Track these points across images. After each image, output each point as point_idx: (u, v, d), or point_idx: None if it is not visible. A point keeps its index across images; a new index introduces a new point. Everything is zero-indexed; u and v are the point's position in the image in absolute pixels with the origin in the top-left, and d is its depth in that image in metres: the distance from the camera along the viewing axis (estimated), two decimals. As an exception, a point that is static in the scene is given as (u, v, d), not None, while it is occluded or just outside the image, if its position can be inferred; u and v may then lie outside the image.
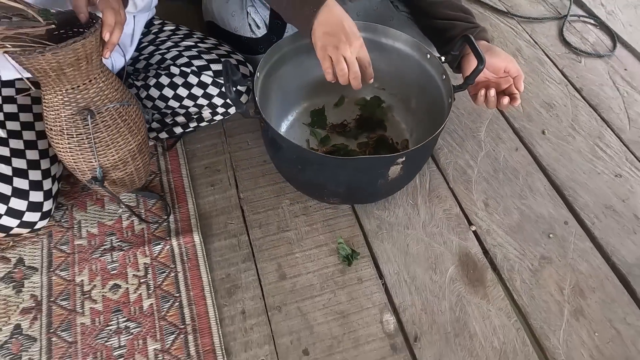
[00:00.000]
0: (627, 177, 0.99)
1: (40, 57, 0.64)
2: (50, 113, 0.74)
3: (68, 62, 0.67)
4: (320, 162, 0.77)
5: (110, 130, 0.77)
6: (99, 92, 0.74)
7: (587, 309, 0.82)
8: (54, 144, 0.77)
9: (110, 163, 0.79)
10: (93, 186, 0.81)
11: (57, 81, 0.69)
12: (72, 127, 0.74)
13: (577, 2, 1.35)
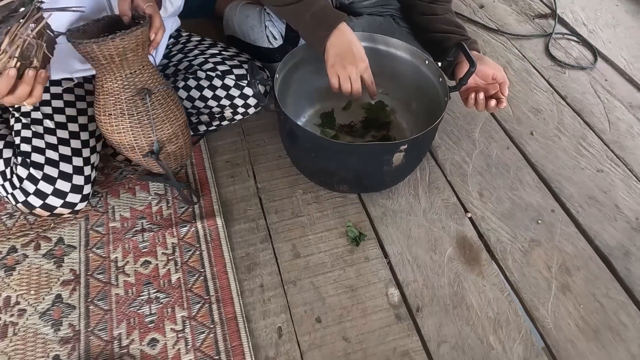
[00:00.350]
0: (607, 172, 1.09)
1: (110, 42, 0.76)
2: (109, 99, 0.85)
3: (130, 48, 0.79)
4: (332, 149, 0.88)
5: (163, 107, 0.89)
6: (150, 76, 0.86)
7: (572, 285, 0.90)
8: (113, 128, 0.87)
9: (165, 137, 0.90)
10: (149, 160, 0.92)
11: (119, 67, 0.80)
12: (133, 107, 0.86)
13: (562, 22, 1.49)
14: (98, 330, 0.83)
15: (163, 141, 0.91)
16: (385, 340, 0.83)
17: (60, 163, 0.89)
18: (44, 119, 0.92)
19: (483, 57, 0.97)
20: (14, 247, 0.93)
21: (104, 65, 0.81)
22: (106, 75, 0.83)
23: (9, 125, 0.95)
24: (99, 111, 0.88)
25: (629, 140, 1.16)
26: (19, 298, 0.87)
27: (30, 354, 0.80)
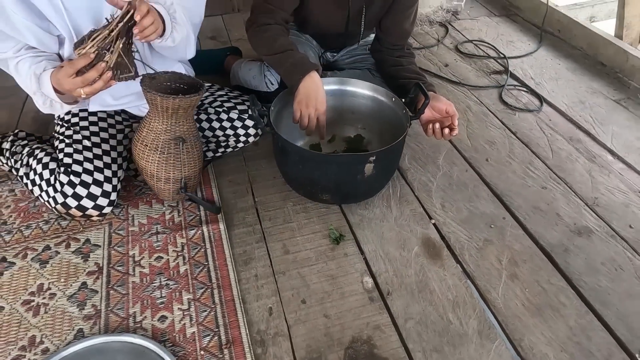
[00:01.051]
0: (550, 189, 1.29)
1: (171, 100, 1.00)
2: (150, 134, 1.08)
3: (183, 107, 1.03)
4: (315, 159, 1.09)
5: (188, 154, 1.11)
6: (188, 129, 1.10)
7: (519, 274, 1.07)
8: (143, 155, 1.10)
9: (182, 176, 1.12)
10: (180, 195, 1.16)
11: (169, 116, 1.04)
12: (166, 147, 1.08)
13: (513, 76, 1.78)
14: (116, 309, 0.98)
15: (177, 179, 1.13)
16: (360, 317, 0.98)
17: (94, 172, 1.09)
18: (82, 139, 1.14)
19: (438, 96, 1.22)
20: (48, 246, 1.11)
21: (159, 111, 1.04)
22: (156, 117, 1.06)
23: (54, 146, 1.18)
24: (137, 139, 1.11)
25: (569, 164, 1.38)
26: (50, 285, 1.03)
27: (58, 327, 0.95)
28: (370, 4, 1.31)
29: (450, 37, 2.06)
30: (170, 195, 1.18)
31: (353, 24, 1.37)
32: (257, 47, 1.28)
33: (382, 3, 1.31)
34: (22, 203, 1.22)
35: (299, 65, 1.19)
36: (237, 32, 2.08)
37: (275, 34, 1.24)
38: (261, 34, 1.24)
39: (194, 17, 1.23)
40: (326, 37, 1.49)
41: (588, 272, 1.07)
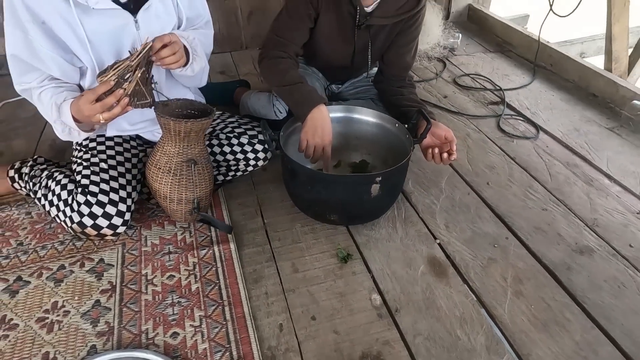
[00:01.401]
0: (551, 210, 1.33)
1: (183, 123, 1.06)
2: (163, 157, 1.14)
3: (195, 130, 1.09)
4: (323, 180, 1.14)
5: (200, 176, 1.16)
6: (199, 151, 1.15)
7: (524, 291, 1.09)
8: (157, 178, 1.15)
9: (193, 197, 1.17)
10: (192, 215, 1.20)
11: (182, 139, 1.10)
12: (178, 169, 1.14)
13: (509, 107, 1.86)
14: (129, 326, 1.00)
15: (189, 200, 1.17)
16: (369, 333, 0.99)
17: (110, 193, 1.14)
18: (100, 162, 1.19)
19: (437, 123, 1.28)
20: (63, 265, 1.14)
21: (172, 135, 1.10)
22: (169, 141, 1.12)
23: (72, 170, 1.23)
24: (151, 163, 1.16)
25: (567, 187, 1.42)
26: (65, 302, 1.05)
27: (71, 344, 0.96)
28: (375, 39, 1.40)
29: (448, 71, 2.16)
30: (183, 216, 1.22)
31: (359, 58, 1.46)
32: (268, 78, 1.35)
33: (385, 38, 1.40)
34: (38, 225, 1.25)
35: (308, 98, 1.25)
36: (245, 67, 2.19)
37: (286, 67, 1.31)
38: (274, 66, 1.31)
39: (206, 49, 1.32)
40: (333, 69, 1.58)
41: (591, 289, 1.10)
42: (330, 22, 1.34)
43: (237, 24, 2.32)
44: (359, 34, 1.37)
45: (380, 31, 1.38)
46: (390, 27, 1.37)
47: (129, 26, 1.13)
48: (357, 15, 1.31)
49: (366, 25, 1.34)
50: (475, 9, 2.64)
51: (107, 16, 1.09)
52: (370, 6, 1.30)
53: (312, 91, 1.28)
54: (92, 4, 1.05)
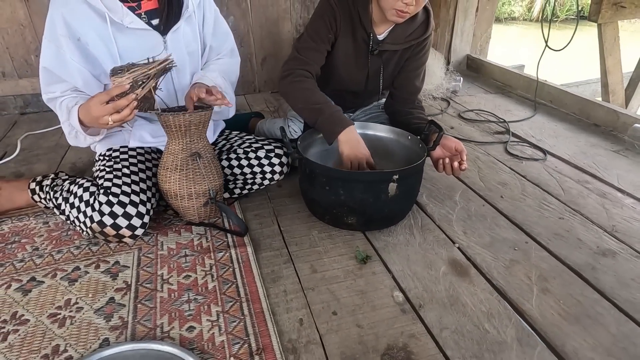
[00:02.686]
0: (567, 219, 1.33)
1: (181, 116, 1.11)
2: (169, 157, 1.17)
3: (194, 123, 1.14)
4: (341, 178, 1.15)
5: (206, 169, 1.19)
6: (203, 146, 1.19)
7: (551, 288, 1.05)
8: (165, 179, 1.18)
9: (202, 191, 1.19)
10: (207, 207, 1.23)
11: (183, 134, 1.14)
12: (185, 165, 1.17)
13: (515, 135, 1.92)
14: (144, 320, 0.96)
15: (199, 194, 1.19)
16: (394, 327, 0.95)
17: (131, 195, 1.15)
18: (122, 168, 1.22)
19: (447, 136, 1.33)
20: (78, 267, 1.12)
21: (174, 132, 1.15)
22: (172, 139, 1.17)
23: (95, 177, 1.25)
24: (160, 167, 1.20)
25: (581, 199, 1.43)
26: (78, 300, 1.02)
27: (83, 337, 0.92)
28: (387, 65, 1.49)
29: (452, 108, 2.25)
30: (196, 213, 1.22)
31: (371, 83, 1.54)
32: (292, 95, 1.36)
33: (395, 63, 1.49)
34: (55, 232, 1.25)
35: (338, 120, 1.27)
36: (258, 107, 2.29)
37: (311, 87, 1.34)
38: (298, 84, 1.34)
39: (232, 77, 1.41)
40: (346, 95, 1.65)
41: (620, 286, 1.06)
42: (347, 47, 1.43)
43: (252, 69, 2.47)
44: (372, 60, 1.46)
45: (391, 57, 1.47)
46: (401, 52, 1.46)
47: (158, 46, 1.22)
48: (370, 42, 1.41)
49: (379, 51, 1.43)
50: (474, 58, 2.82)
51: (138, 36, 1.19)
52: (383, 34, 1.41)
53: (340, 111, 1.31)
54: (127, 23, 1.15)
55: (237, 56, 1.45)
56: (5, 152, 1.77)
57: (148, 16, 1.20)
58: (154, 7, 1.20)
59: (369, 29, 1.38)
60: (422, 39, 1.43)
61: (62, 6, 1.11)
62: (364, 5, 1.35)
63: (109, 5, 1.12)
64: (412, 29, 1.41)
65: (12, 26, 2.02)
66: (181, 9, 1.24)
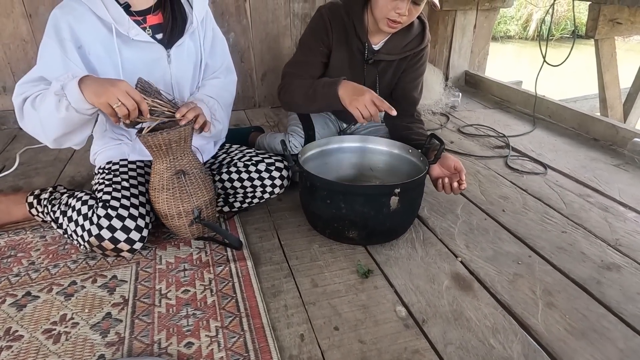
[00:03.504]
0: (570, 233, 1.31)
1: (159, 136, 1.08)
2: (156, 177, 1.16)
3: (174, 140, 1.12)
4: (342, 191, 1.14)
5: (193, 185, 1.17)
6: (188, 162, 1.18)
7: (556, 302, 1.04)
8: (156, 199, 1.17)
9: (190, 209, 1.17)
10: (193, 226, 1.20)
11: (165, 153, 1.12)
12: (170, 183, 1.15)
13: (514, 149, 1.92)
14: (141, 336, 0.94)
15: (188, 212, 1.18)
16: (397, 342, 0.93)
17: (130, 208, 1.14)
18: (122, 181, 1.21)
19: (446, 154, 1.33)
20: (75, 281, 1.10)
21: (155, 152, 1.12)
22: (157, 160, 1.14)
23: (93, 191, 1.24)
24: (150, 187, 1.18)
25: (584, 213, 1.42)
26: (74, 315, 1.00)
27: (79, 353, 0.90)
28: (383, 75, 1.50)
29: (451, 122, 2.26)
30: (188, 231, 1.20)
31: None
32: (291, 100, 1.43)
33: (392, 74, 1.50)
34: (52, 247, 1.24)
35: (328, 83, 1.32)
36: (258, 122, 2.30)
37: (301, 83, 1.40)
38: (292, 86, 1.41)
39: (227, 97, 1.41)
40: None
41: (626, 300, 1.05)
42: (342, 57, 1.45)
43: (252, 84, 2.48)
44: (368, 69, 1.47)
45: (387, 67, 1.48)
46: (397, 63, 1.48)
47: (161, 60, 1.23)
48: (365, 52, 1.43)
49: (374, 60, 1.45)
50: (472, 74, 2.84)
51: (143, 48, 1.19)
52: (378, 44, 1.43)
53: (327, 79, 1.35)
54: (133, 35, 1.15)
55: (232, 74, 1.45)
56: (4, 166, 1.76)
57: (153, 30, 1.20)
58: (158, 22, 1.21)
59: (364, 38, 1.40)
60: (418, 50, 1.45)
61: (68, 13, 1.10)
62: (358, 16, 1.37)
63: (115, 17, 1.12)
64: (408, 40, 1.43)
65: (15, 42, 2.04)
66: (185, 24, 1.25)
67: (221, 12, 2.26)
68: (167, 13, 1.21)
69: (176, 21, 1.23)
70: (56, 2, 1.12)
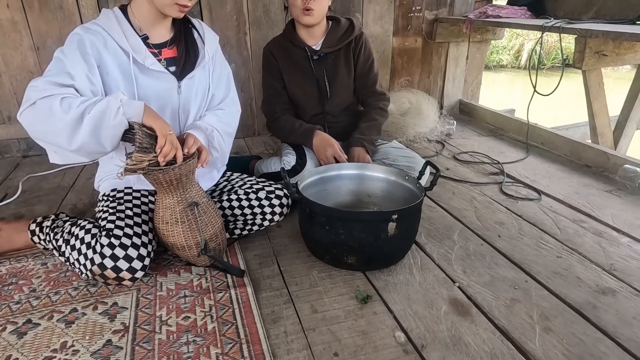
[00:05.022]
0: (565, 258, 1.33)
1: (171, 171, 1.11)
2: (167, 212, 1.18)
3: (185, 174, 1.15)
4: (341, 217, 1.17)
5: (207, 214, 1.20)
6: (197, 192, 1.21)
7: (553, 327, 1.05)
8: (169, 233, 1.18)
9: (208, 236, 1.19)
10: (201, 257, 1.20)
11: (175, 187, 1.15)
12: (184, 216, 1.17)
13: (509, 176, 1.96)
14: (141, 363, 0.94)
15: (206, 240, 1.20)
16: (397, 368, 0.93)
17: (133, 237, 1.16)
18: (125, 210, 1.23)
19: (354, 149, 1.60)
20: (75, 309, 1.11)
21: (165, 187, 1.14)
22: (165, 194, 1.16)
23: (97, 219, 1.26)
24: (158, 221, 1.20)
25: (578, 239, 1.44)
26: (74, 342, 1.00)
27: (78, 381, 0.90)
28: (334, 67, 1.73)
29: (447, 150, 2.31)
30: (198, 260, 1.22)
31: (324, 91, 1.75)
32: (278, 134, 1.80)
33: (343, 64, 1.74)
34: (53, 274, 1.25)
35: (305, 131, 1.68)
36: (257, 150, 2.34)
37: (284, 124, 1.72)
38: (278, 125, 1.74)
39: (230, 127, 1.45)
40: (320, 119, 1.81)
41: (622, 325, 1.06)
42: (291, 71, 1.72)
43: (252, 113, 2.54)
44: (315, 66, 1.73)
45: (335, 60, 1.74)
46: (342, 53, 1.74)
47: (172, 90, 1.27)
48: (308, 53, 1.71)
49: (319, 57, 1.72)
50: (466, 102, 2.92)
51: (156, 77, 1.24)
52: (317, 44, 1.72)
53: (303, 126, 1.70)
54: (149, 64, 1.20)
55: (236, 106, 1.50)
56: (6, 194, 1.78)
57: (167, 63, 1.26)
58: (173, 56, 1.28)
59: (303, 45, 1.70)
60: (353, 37, 1.73)
61: (92, 35, 1.14)
62: (291, 33, 1.71)
63: (134, 47, 1.18)
64: (340, 33, 1.72)
65: (21, 73, 2.10)
66: (197, 59, 1.30)
67: (223, 44, 2.34)
68: (182, 48, 1.28)
69: (189, 56, 1.29)
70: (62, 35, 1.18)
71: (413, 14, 2.69)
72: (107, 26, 1.17)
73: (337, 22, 1.74)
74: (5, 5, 1.98)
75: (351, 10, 2.53)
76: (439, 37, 2.75)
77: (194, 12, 2.24)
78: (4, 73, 2.08)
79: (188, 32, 1.31)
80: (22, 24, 2.02)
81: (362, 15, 2.57)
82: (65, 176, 1.98)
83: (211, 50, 1.34)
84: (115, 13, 1.20)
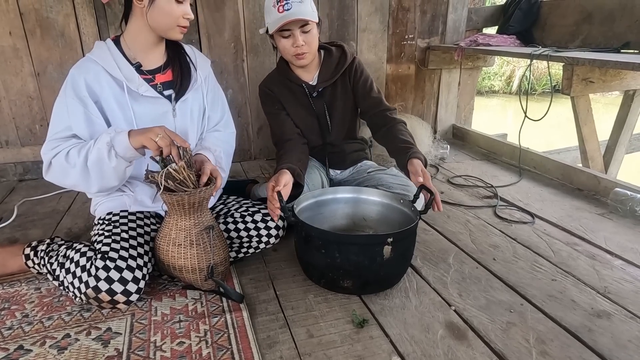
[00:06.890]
0: (560, 281, 1.34)
1: (197, 193, 1.14)
2: (181, 234, 1.19)
3: (206, 197, 1.18)
4: (337, 241, 1.17)
5: (220, 238, 1.22)
6: (210, 216, 1.22)
7: (549, 351, 1.04)
8: (179, 255, 1.18)
9: (219, 260, 1.21)
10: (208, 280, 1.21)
11: (195, 210, 1.17)
12: (200, 239, 1.18)
13: (502, 199, 1.98)
14: (135, 390, 0.93)
15: (217, 264, 1.21)
16: (393, 393, 0.92)
17: (128, 259, 1.16)
18: (121, 232, 1.24)
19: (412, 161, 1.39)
20: (69, 334, 1.09)
21: (185, 209, 1.16)
22: (182, 216, 1.17)
23: (92, 242, 1.26)
24: (167, 242, 1.20)
25: (572, 261, 1.45)
26: (67, 369, 0.99)
27: (70, 409, 0.88)
28: (333, 101, 1.68)
29: (441, 174, 2.34)
30: (205, 283, 1.22)
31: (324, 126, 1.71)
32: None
33: (341, 95, 1.68)
34: (47, 299, 1.23)
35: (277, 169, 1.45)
36: (253, 174, 2.36)
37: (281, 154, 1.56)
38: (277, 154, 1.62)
39: (228, 148, 1.49)
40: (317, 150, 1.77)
41: (618, 348, 1.06)
42: (292, 105, 1.68)
43: (248, 138, 2.57)
44: (315, 102, 1.68)
45: (333, 92, 1.68)
46: (339, 84, 1.67)
47: (167, 113, 1.32)
48: (306, 90, 1.65)
49: (318, 92, 1.66)
50: (459, 127, 2.97)
51: (151, 103, 1.28)
52: (313, 80, 1.66)
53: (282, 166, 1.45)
54: (142, 92, 1.25)
55: (231, 127, 1.55)
56: (1, 217, 1.78)
57: (163, 87, 1.31)
58: (168, 79, 1.33)
59: (300, 82, 1.63)
60: (347, 65, 1.67)
61: (85, 72, 1.21)
62: (285, 70, 1.65)
63: (127, 76, 1.23)
64: (334, 64, 1.65)
65: (21, 98, 2.13)
66: (190, 82, 1.35)
67: (220, 70, 2.39)
68: (177, 70, 1.33)
69: (184, 79, 1.34)
70: (62, 61, 1.22)
71: (406, 42, 2.77)
72: (101, 58, 1.23)
73: (328, 52, 1.68)
74: (8, 32, 2.02)
75: (346, 38, 2.61)
76: (431, 64, 2.82)
77: (192, 40, 2.30)
78: (4, 98, 2.11)
79: (181, 55, 1.37)
80: (23, 51, 2.06)
81: (356, 43, 2.64)
82: (61, 200, 1.98)
83: (203, 73, 1.40)
84: (108, 45, 1.27)
